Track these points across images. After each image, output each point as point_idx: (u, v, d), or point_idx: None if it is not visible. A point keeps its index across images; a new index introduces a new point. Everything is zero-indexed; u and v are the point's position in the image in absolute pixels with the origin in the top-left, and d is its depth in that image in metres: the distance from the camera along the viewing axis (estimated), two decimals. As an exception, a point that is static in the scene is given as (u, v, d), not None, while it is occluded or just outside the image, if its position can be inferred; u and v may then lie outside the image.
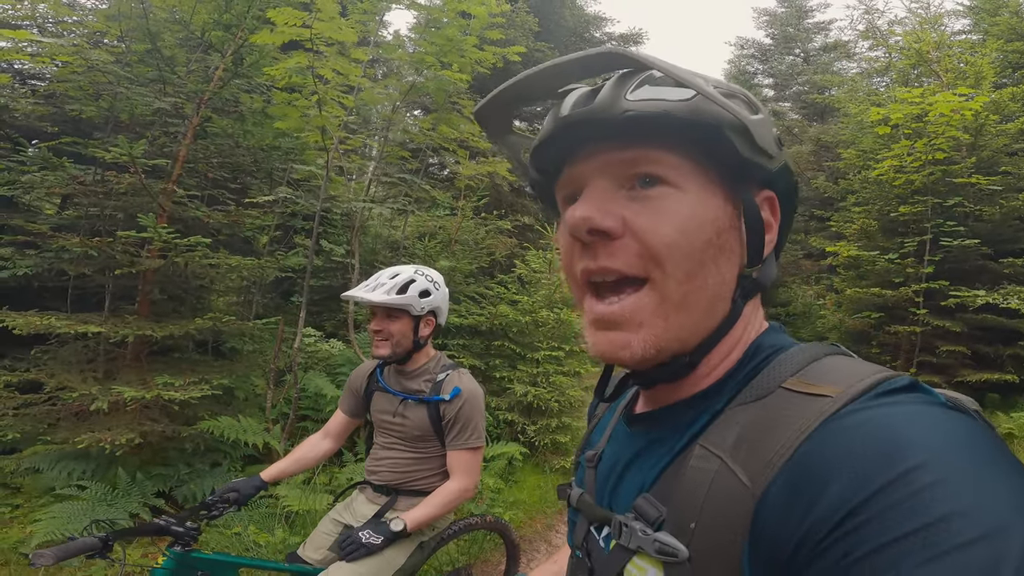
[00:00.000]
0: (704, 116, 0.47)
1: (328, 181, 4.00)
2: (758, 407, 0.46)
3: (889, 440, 0.36)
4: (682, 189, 0.49)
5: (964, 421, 0.38)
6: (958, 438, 0.36)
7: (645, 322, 0.49)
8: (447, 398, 1.86)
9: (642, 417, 0.59)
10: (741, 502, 0.41)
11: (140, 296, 3.95)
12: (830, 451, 0.37)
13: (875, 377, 0.42)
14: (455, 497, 1.85)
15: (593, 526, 0.59)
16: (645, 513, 0.48)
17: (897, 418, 0.37)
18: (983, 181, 6.77)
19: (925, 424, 0.36)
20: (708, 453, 0.45)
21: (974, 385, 6.64)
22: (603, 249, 0.50)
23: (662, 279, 0.48)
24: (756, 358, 0.52)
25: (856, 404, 0.40)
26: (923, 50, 7.94)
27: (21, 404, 3.47)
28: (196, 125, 3.93)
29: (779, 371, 0.48)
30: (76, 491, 3.30)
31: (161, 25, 4.02)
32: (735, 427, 0.45)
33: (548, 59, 3.80)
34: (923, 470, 0.33)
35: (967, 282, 6.84)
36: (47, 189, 3.84)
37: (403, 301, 1.82)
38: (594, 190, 0.51)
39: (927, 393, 0.42)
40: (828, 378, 0.44)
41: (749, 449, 0.43)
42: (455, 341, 5.26)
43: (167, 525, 1.63)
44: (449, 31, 3.78)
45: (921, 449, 0.34)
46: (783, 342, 0.54)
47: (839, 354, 0.50)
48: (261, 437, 3.73)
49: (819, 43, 16.72)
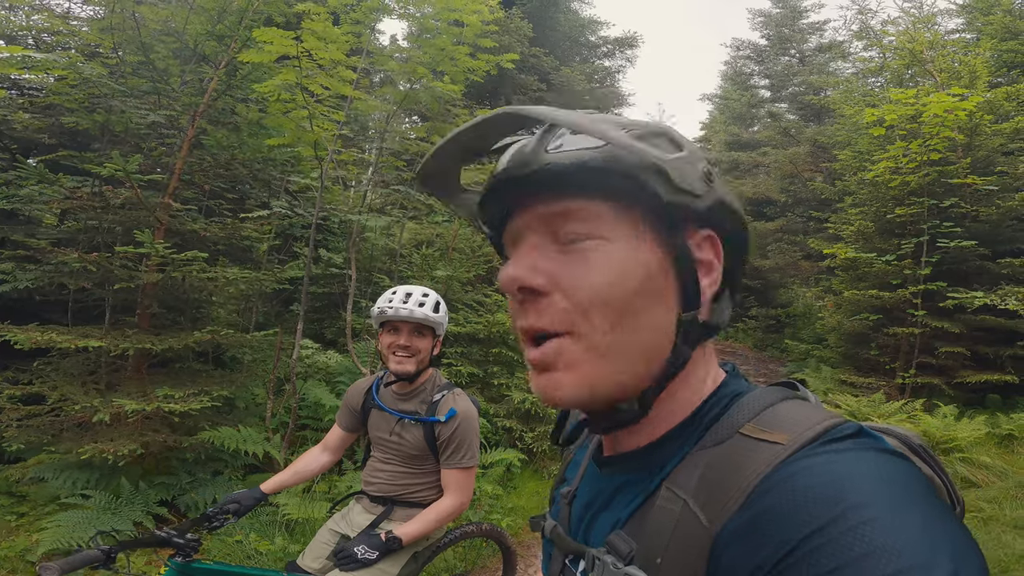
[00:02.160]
0: (618, 162, 0.48)
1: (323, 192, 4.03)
2: (717, 451, 0.48)
3: (828, 485, 0.39)
4: (609, 239, 0.50)
5: (900, 465, 0.41)
6: (890, 482, 0.39)
7: (573, 364, 0.50)
8: (443, 419, 1.91)
9: (611, 460, 0.60)
10: (700, 541, 0.44)
11: (140, 309, 3.99)
12: (777, 496, 0.41)
13: (823, 425, 0.45)
14: (448, 514, 1.92)
15: (568, 559, 0.62)
16: (617, 548, 0.51)
17: (838, 464, 0.40)
18: (979, 181, 6.78)
19: (862, 470, 0.40)
20: (673, 495, 0.48)
21: (973, 386, 6.64)
22: (532, 307, 0.51)
23: (588, 331, 0.49)
24: (718, 404, 0.53)
25: (804, 451, 0.43)
26: (916, 50, 7.96)
27: (25, 416, 3.51)
28: (191, 137, 3.97)
29: (736, 417, 0.50)
30: (81, 500, 3.35)
31: (154, 37, 4.06)
32: (697, 470, 0.48)
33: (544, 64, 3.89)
34: (854, 511, 0.36)
35: (965, 283, 6.84)
36: (45, 203, 3.88)
37: (437, 320, 1.91)
38: (525, 246, 0.52)
39: (871, 438, 0.44)
40: (780, 425, 0.46)
41: (708, 492, 0.46)
42: (453, 349, 5.29)
43: (168, 537, 1.67)
44: (441, 41, 3.82)
45: (856, 492, 0.37)
46: (740, 387, 0.55)
47: (793, 398, 0.52)
48: (261, 446, 3.76)
49: (814, 44, 16.75)
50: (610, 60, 14.07)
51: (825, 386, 7.78)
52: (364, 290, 5.64)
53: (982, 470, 4.82)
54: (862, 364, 8.03)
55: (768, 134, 15.95)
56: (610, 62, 14.08)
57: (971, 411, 6.30)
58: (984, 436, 5.34)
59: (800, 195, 13.26)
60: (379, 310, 1.91)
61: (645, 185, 0.48)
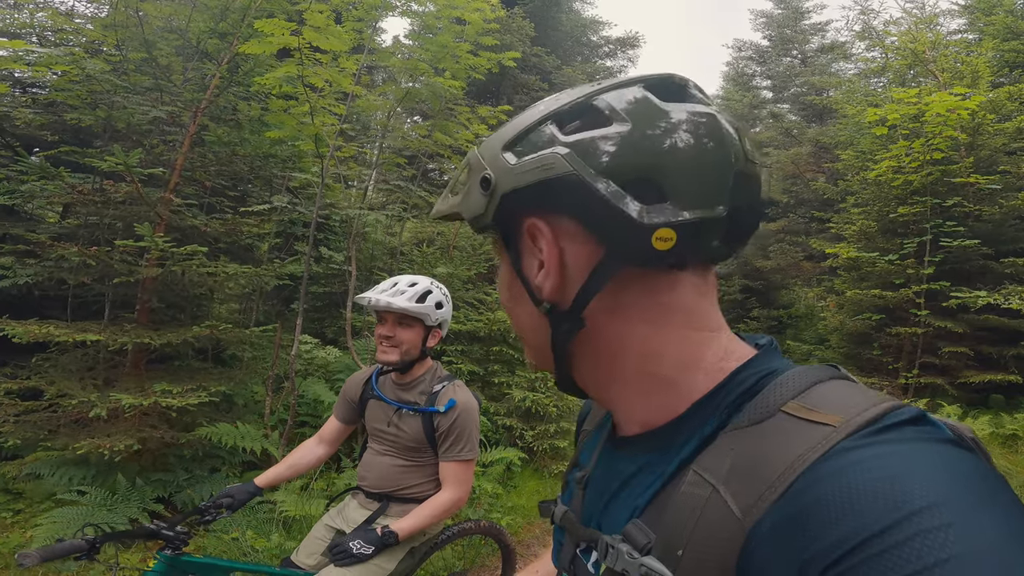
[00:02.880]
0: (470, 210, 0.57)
1: (324, 188, 4.02)
2: (755, 432, 0.43)
3: (891, 479, 0.35)
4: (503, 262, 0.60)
5: (968, 459, 0.37)
6: (963, 479, 0.35)
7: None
8: (442, 410, 1.87)
9: (628, 441, 0.57)
10: (731, 534, 0.39)
11: (139, 304, 3.98)
12: (831, 488, 0.36)
13: (880, 408, 0.40)
14: (446, 508, 1.87)
15: (580, 549, 0.58)
16: (634, 539, 0.47)
17: (902, 457, 0.36)
18: (982, 181, 6.76)
19: (930, 464, 0.36)
20: (701, 479, 0.44)
21: (977, 386, 6.61)
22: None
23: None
24: (747, 381, 0.49)
25: (858, 438, 0.38)
26: (919, 50, 7.96)
27: (22, 411, 3.50)
28: (193, 134, 3.97)
29: (778, 393, 0.45)
30: (76, 496, 3.33)
31: (157, 34, 4.07)
32: (730, 453, 0.44)
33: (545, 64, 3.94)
34: (927, 513, 0.32)
35: (968, 283, 6.82)
36: (47, 199, 3.88)
37: (421, 310, 1.85)
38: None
39: (933, 426, 0.40)
40: (830, 405, 0.42)
41: (743, 478, 0.41)
42: (454, 347, 5.27)
43: (157, 529, 1.64)
44: (443, 38, 3.81)
45: (926, 491, 0.33)
46: (776, 364, 0.51)
47: (841, 378, 0.48)
48: (259, 443, 3.74)
49: (816, 44, 16.73)
50: (612, 60, 14.08)
51: (827, 387, 7.74)
52: (364, 288, 5.62)
53: (986, 470, 4.79)
54: (865, 364, 8.00)
55: (770, 135, 15.93)
56: (612, 62, 14.08)
57: (975, 411, 6.27)
58: (988, 436, 5.31)
59: (802, 195, 13.23)
60: (365, 298, 1.88)
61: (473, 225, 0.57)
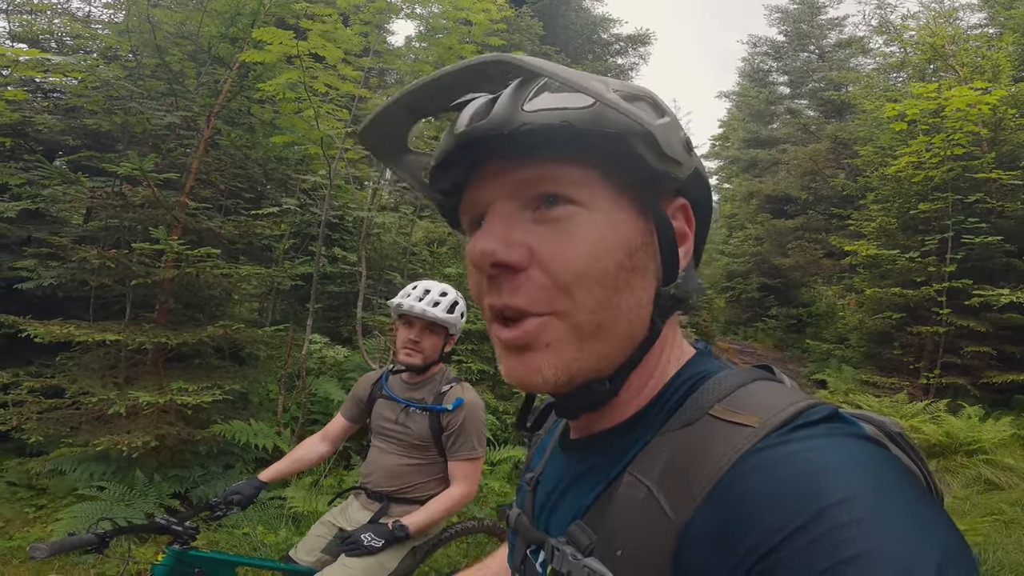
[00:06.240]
0: (606, 124, 0.44)
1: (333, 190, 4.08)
2: (684, 434, 0.45)
3: (808, 476, 0.36)
4: (589, 208, 0.46)
5: (878, 454, 0.38)
6: (872, 474, 0.36)
7: (555, 345, 0.46)
8: (450, 408, 1.94)
9: (576, 443, 0.58)
10: (664, 533, 0.41)
11: (158, 305, 4.09)
12: (751, 486, 0.38)
13: (796, 407, 0.42)
14: (455, 503, 1.94)
15: (530, 550, 0.59)
16: (576, 540, 0.48)
17: (815, 452, 0.38)
18: (1004, 176, 6.59)
19: (842, 460, 0.37)
20: (636, 481, 0.45)
21: (999, 387, 6.45)
22: (508, 284, 0.46)
23: (572, 310, 0.46)
24: (684, 385, 0.50)
25: (776, 436, 0.40)
26: (938, 44, 7.78)
27: (45, 409, 3.63)
28: (207, 137, 4.06)
29: (706, 397, 0.47)
30: (96, 492, 3.43)
31: (170, 40, 4.17)
32: (662, 455, 0.45)
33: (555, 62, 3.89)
34: (839, 508, 0.34)
35: (991, 280, 6.66)
36: (68, 203, 4.01)
37: (450, 320, 1.95)
38: (496, 215, 0.48)
39: (846, 423, 0.42)
40: (751, 406, 0.43)
41: (674, 479, 0.42)
42: (464, 346, 5.30)
43: (166, 524, 1.69)
44: (448, 40, 3.84)
45: (839, 487, 0.35)
46: (711, 366, 0.52)
47: (767, 379, 0.49)
48: (272, 440, 3.82)
49: (834, 39, 16.43)
50: (623, 58, 13.96)
51: (846, 386, 7.62)
52: (376, 287, 5.69)
53: (1006, 472, 4.68)
54: (885, 364, 7.86)
55: (787, 131, 15.71)
56: (623, 60, 13.96)
57: (997, 412, 6.11)
58: (1009, 438, 5.18)
59: (821, 192, 13.01)
60: (397, 303, 1.95)
61: (634, 151, 0.44)
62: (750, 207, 15.59)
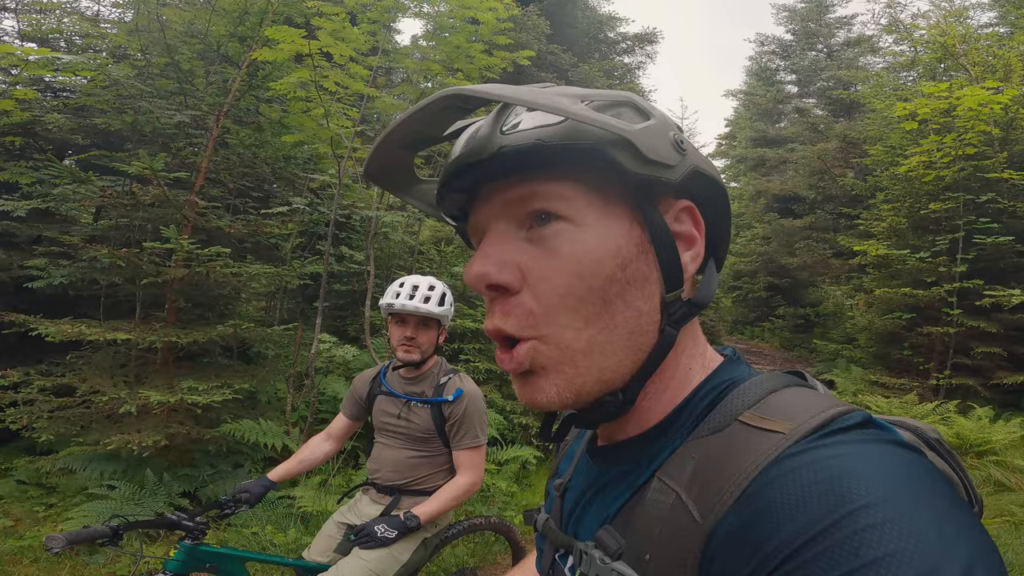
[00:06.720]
0: (579, 137, 0.44)
1: (343, 189, 4.09)
2: (713, 441, 0.45)
3: (834, 481, 0.36)
4: (577, 223, 0.46)
5: (912, 459, 0.38)
6: (903, 479, 0.36)
7: (548, 367, 0.47)
8: (451, 399, 1.96)
9: (603, 451, 0.58)
10: (692, 538, 0.41)
11: (168, 304, 4.11)
12: (778, 492, 0.38)
13: (828, 413, 0.42)
14: (463, 491, 1.96)
15: (558, 555, 0.60)
16: (605, 544, 0.48)
17: (844, 459, 0.37)
18: (1016, 176, 6.52)
19: (871, 465, 0.37)
20: (665, 486, 0.45)
21: (1010, 388, 6.39)
22: (500, 307, 0.48)
23: (557, 332, 0.46)
24: (712, 392, 0.50)
25: (806, 442, 0.40)
26: (949, 43, 7.72)
27: (56, 407, 3.65)
28: (216, 136, 4.07)
29: (735, 404, 0.47)
30: (107, 491, 3.45)
31: (179, 39, 4.18)
32: (691, 461, 0.45)
33: (561, 62, 3.84)
34: (863, 513, 0.33)
35: (1002, 281, 6.59)
36: (78, 202, 4.03)
37: (443, 312, 1.97)
38: (492, 237, 0.49)
39: (880, 429, 0.41)
40: (782, 412, 0.43)
41: (702, 484, 0.43)
42: (471, 345, 5.30)
43: (178, 520, 1.71)
44: (456, 38, 3.84)
45: (864, 491, 0.35)
46: (740, 373, 0.52)
47: (798, 385, 0.49)
48: (280, 439, 3.84)
49: (842, 38, 16.34)
50: (630, 57, 13.94)
51: (855, 387, 7.57)
52: (385, 286, 5.70)
53: (1016, 474, 4.64)
54: (894, 364, 7.80)
55: (795, 130, 15.63)
56: (630, 58, 13.94)
57: (1007, 413, 6.06)
58: (1019, 439, 5.13)
59: (829, 191, 12.92)
60: (388, 303, 1.95)
61: (611, 160, 0.44)
62: (757, 206, 15.53)
